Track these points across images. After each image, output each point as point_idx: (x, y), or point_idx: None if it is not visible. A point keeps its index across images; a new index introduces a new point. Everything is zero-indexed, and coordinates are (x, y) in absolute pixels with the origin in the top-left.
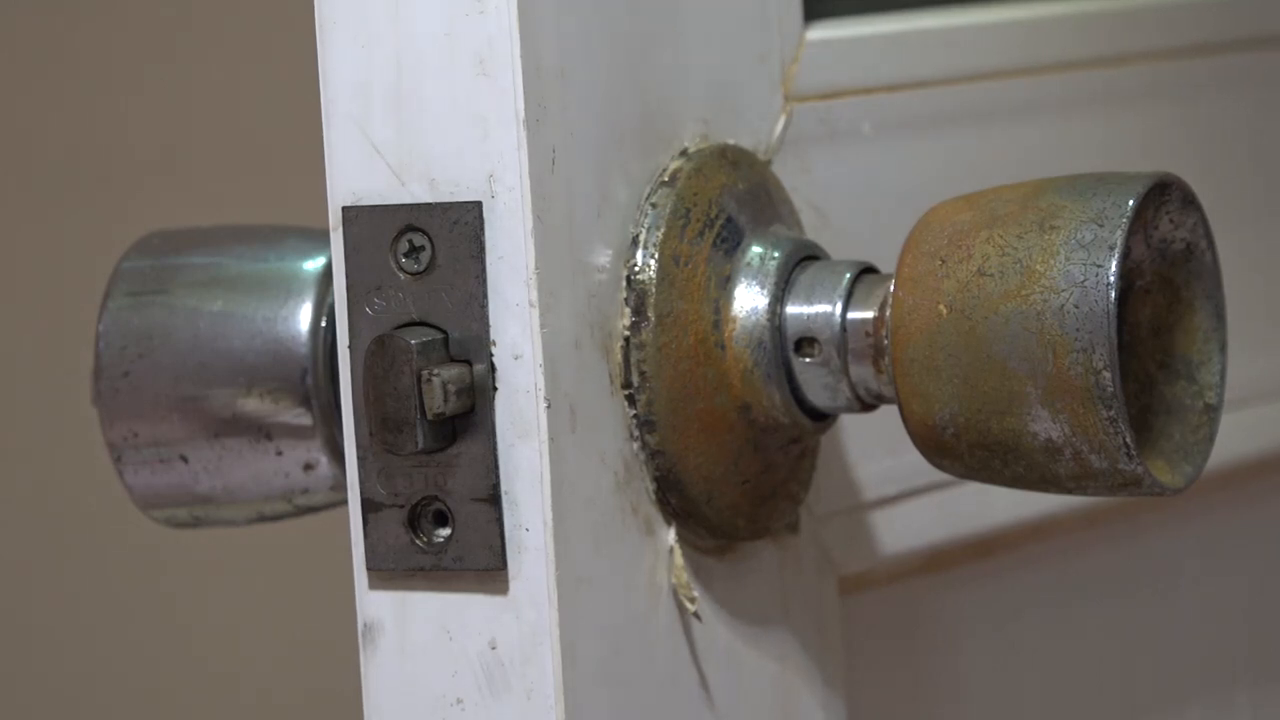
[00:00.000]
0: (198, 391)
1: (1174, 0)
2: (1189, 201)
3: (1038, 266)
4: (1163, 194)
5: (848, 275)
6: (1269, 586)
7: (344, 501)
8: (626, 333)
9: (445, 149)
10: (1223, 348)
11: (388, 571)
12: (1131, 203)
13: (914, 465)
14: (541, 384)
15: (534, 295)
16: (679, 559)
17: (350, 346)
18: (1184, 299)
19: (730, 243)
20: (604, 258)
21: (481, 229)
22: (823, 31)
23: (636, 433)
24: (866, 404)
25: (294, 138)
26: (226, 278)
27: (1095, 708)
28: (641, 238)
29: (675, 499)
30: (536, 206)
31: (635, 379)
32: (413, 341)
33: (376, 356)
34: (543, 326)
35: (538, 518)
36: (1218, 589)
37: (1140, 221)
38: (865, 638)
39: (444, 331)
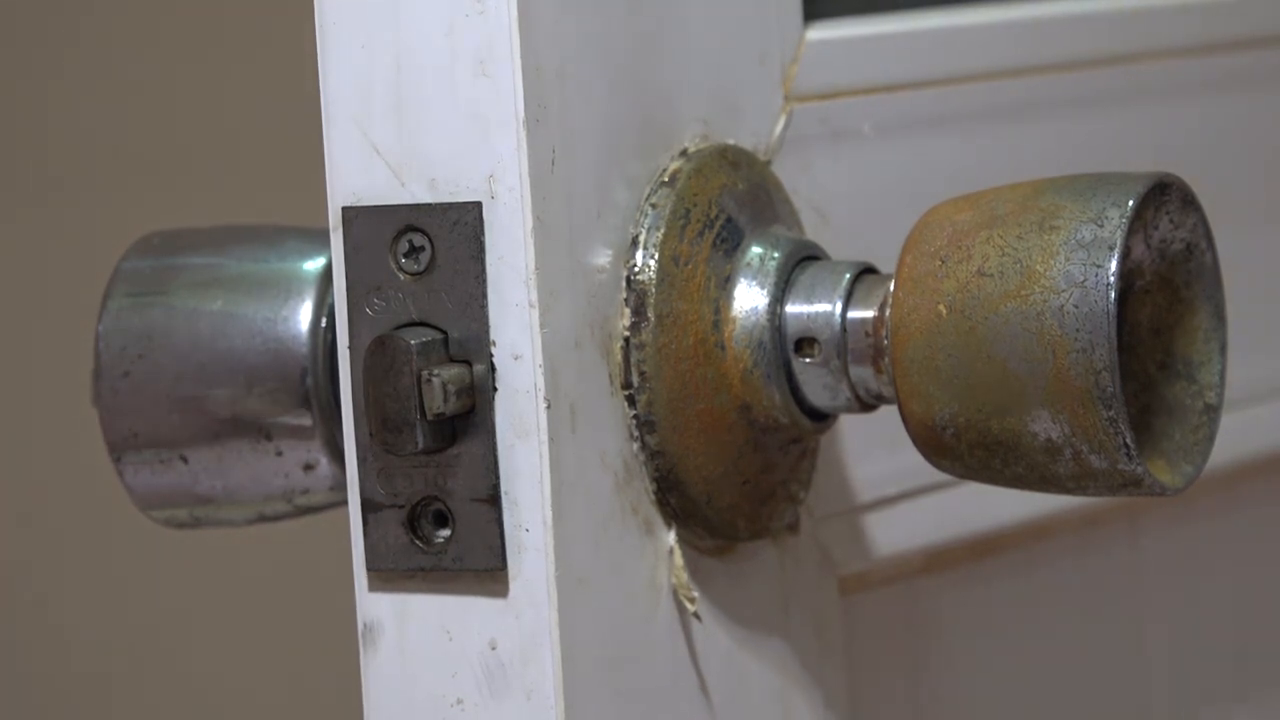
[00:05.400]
0: (198, 392)
1: (1174, 0)
2: (1189, 201)
3: (1038, 267)
4: (1162, 194)
5: (848, 275)
6: (1269, 586)
7: (344, 502)
8: (626, 333)
9: (445, 149)
10: (1223, 348)
11: (387, 572)
12: (1131, 203)
13: (914, 465)
14: (541, 384)
15: (534, 295)
16: (679, 559)
17: (350, 347)
18: (1184, 299)
19: (730, 243)
20: (604, 258)
21: (481, 229)
22: (823, 31)
23: (636, 433)
24: (866, 404)
25: (294, 138)
26: (226, 278)
27: (1095, 708)
28: (641, 238)
29: (675, 499)
30: (536, 207)
31: (635, 379)
32: (413, 342)
33: (376, 357)
34: (543, 327)
35: (538, 518)
36: (1218, 589)
37: (1140, 222)
38: (865, 638)
39: (444, 332)
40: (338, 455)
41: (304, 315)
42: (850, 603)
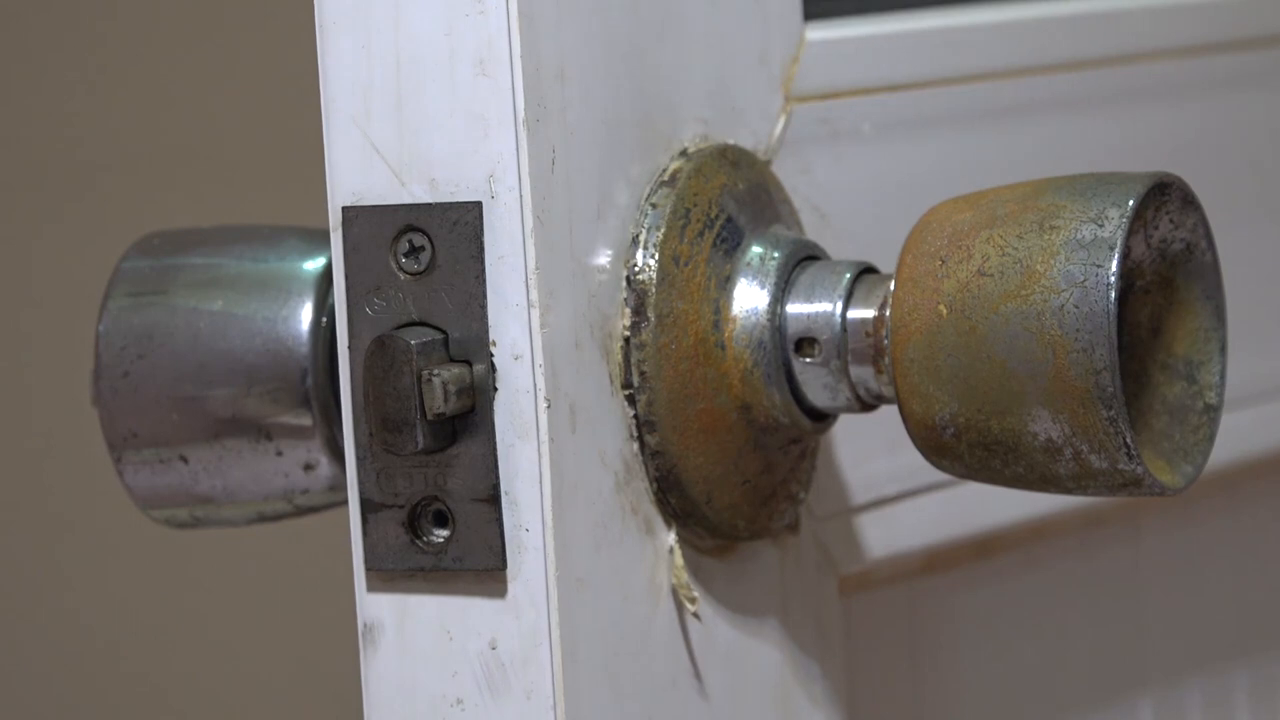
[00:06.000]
0: (197, 391)
1: (1174, 0)
2: (1189, 201)
3: (1038, 266)
4: (1163, 194)
5: (848, 275)
6: (1269, 586)
7: (344, 501)
8: (626, 333)
9: (445, 149)
10: (1223, 348)
11: (387, 572)
12: (1131, 203)
13: (914, 465)
14: (541, 384)
15: (534, 295)
16: (679, 559)
17: (350, 347)
18: (1184, 299)
19: (730, 243)
20: (604, 258)
21: (481, 229)
22: (823, 31)
23: (636, 433)
24: (866, 404)
25: (294, 138)
26: (226, 278)
27: (1094, 707)
28: (641, 238)
29: (675, 499)
30: (536, 207)
31: (635, 379)
32: (413, 341)
33: (376, 357)
34: (543, 326)
35: (538, 518)
36: (1218, 589)
37: (1140, 221)
38: (865, 638)
39: (444, 332)
40: (338, 455)
41: (304, 315)
42: (850, 603)
